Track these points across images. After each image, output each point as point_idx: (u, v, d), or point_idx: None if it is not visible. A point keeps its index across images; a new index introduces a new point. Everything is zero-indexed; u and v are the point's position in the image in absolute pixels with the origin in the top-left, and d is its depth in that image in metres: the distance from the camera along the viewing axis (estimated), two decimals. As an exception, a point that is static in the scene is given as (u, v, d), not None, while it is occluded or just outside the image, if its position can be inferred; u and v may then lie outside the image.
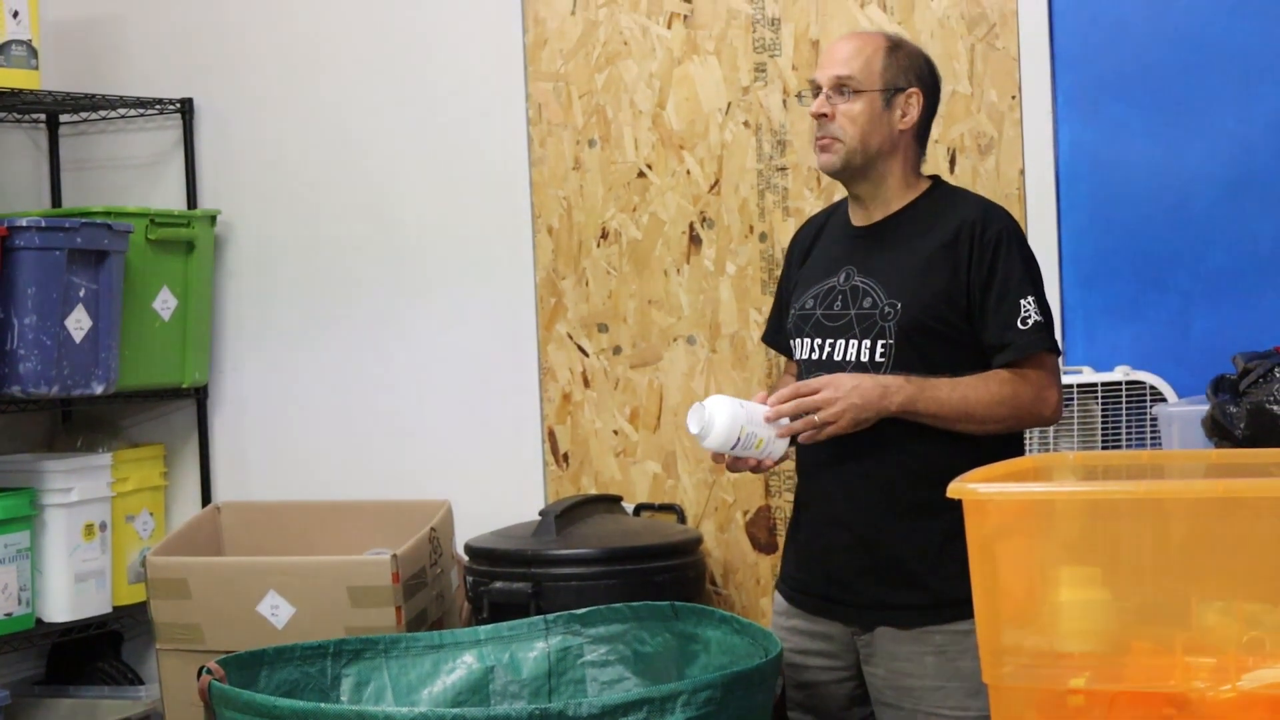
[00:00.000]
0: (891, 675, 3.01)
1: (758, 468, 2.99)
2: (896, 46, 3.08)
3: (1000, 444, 3.01)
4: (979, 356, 3.01)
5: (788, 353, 3.25)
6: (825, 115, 3.03)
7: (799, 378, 3.11)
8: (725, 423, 2.91)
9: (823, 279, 3.12)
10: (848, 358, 3.03)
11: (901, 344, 2.99)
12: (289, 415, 4.60)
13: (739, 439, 2.92)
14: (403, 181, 4.48)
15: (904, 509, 2.98)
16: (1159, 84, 3.82)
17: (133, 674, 4.62)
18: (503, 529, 4.00)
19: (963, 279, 2.99)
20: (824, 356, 3.06)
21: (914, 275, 3.01)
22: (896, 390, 2.93)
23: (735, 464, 3.00)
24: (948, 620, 2.93)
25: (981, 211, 3.05)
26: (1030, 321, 2.98)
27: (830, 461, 3.03)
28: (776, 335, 3.29)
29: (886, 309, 3.01)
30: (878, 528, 3.01)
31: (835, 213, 3.23)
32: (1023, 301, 2.98)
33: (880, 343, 3.00)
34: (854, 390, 2.92)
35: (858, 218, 3.13)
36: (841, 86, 3.03)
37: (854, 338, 3.03)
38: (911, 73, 3.08)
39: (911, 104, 3.07)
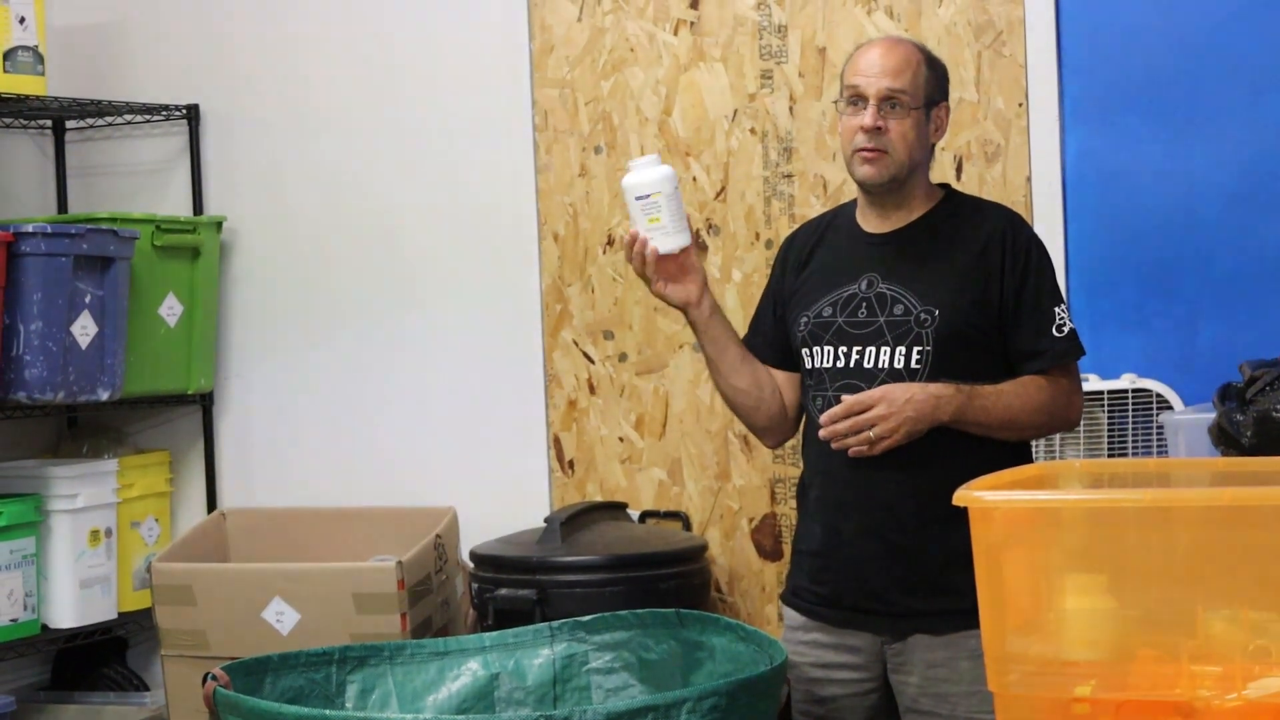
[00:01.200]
0: (926, 682, 3.01)
1: (644, 258, 3.08)
2: (930, 59, 3.10)
3: (1020, 450, 3.07)
4: (1004, 363, 3.04)
5: (772, 361, 3.23)
6: (879, 128, 3.02)
7: (815, 387, 3.10)
8: (659, 174, 3.08)
9: (839, 286, 3.11)
10: (880, 364, 3.03)
11: (938, 350, 3.00)
12: (294, 421, 4.61)
13: (650, 196, 3.07)
14: (409, 188, 4.49)
15: (938, 516, 2.96)
16: (1166, 92, 3.82)
17: (138, 680, 4.62)
18: (508, 536, 4.00)
19: (996, 288, 3.02)
20: (851, 364, 3.05)
21: (948, 283, 3.02)
22: (948, 401, 2.96)
23: (633, 249, 3.10)
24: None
25: (1009, 220, 3.10)
26: (1065, 329, 3.04)
27: (860, 470, 3.02)
28: (755, 340, 3.27)
29: (922, 316, 3.01)
30: (913, 535, 3.01)
31: (835, 219, 3.23)
32: (1056, 309, 3.04)
33: (916, 349, 3.01)
34: (908, 404, 2.94)
35: (873, 225, 3.13)
36: (892, 100, 3.03)
37: (885, 344, 3.03)
38: (943, 86, 3.11)
39: (942, 117, 3.11)
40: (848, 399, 2.97)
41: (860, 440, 2.95)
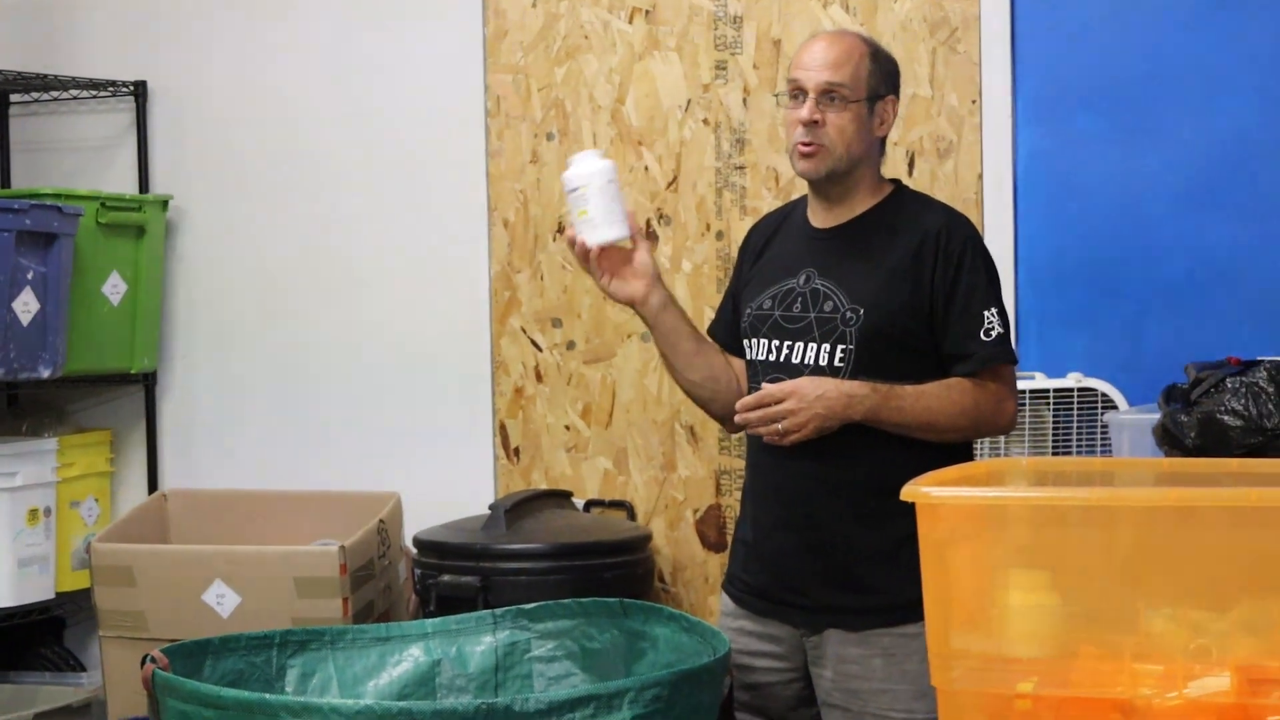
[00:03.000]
0: (839, 677, 3.01)
1: (585, 252, 3.07)
2: (876, 52, 3.08)
3: (953, 452, 3.03)
4: (936, 364, 3.02)
5: (731, 349, 3.24)
6: (816, 122, 3.01)
7: (753, 378, 3.11)
8: (589, 168, 3.05)
9: (781, 280, 3.11)
10: (806, 361, 3.02)
11: (862, 350, 2.99)
12: (238, 403, 4.57)
13: (578, 189, 3.05)
14: (358, 170, 4.46)
15: (858, 513, 2.98)
16: (1118, 93, 3.83)
17: (75, 661, 4.58)
18: (452, 522, 3.98)
19: (926, 288, 3.00)
20: (781, 358, 3.05)
21: (877, 282, 3.01)
22: (861, 399, 2.94)
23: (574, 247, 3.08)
24: (896, 623, 2.94)
25: (946, 220, 3.06)
26: (993, 333, 3.00)
27: (783, 464, 3.03)
28: (717, 327, 3.28)
29: (848, 314, 3.00)
30: (831, 531, 3.01)
31: (793, 212, 3.22)
32: (986, 313, 3.00)
33: (840, 347, 3.00)
34: (819, 400, 2.93)
35: (819, 219, 3.12)
36: (831, 94, 3.01)
37: (813, 341, 3.02)
38: (890, 79, 3.08)
39: (889, 111, 3.08)
40: (764, 388, 2.98)
41: (769, 431, 2.96)
